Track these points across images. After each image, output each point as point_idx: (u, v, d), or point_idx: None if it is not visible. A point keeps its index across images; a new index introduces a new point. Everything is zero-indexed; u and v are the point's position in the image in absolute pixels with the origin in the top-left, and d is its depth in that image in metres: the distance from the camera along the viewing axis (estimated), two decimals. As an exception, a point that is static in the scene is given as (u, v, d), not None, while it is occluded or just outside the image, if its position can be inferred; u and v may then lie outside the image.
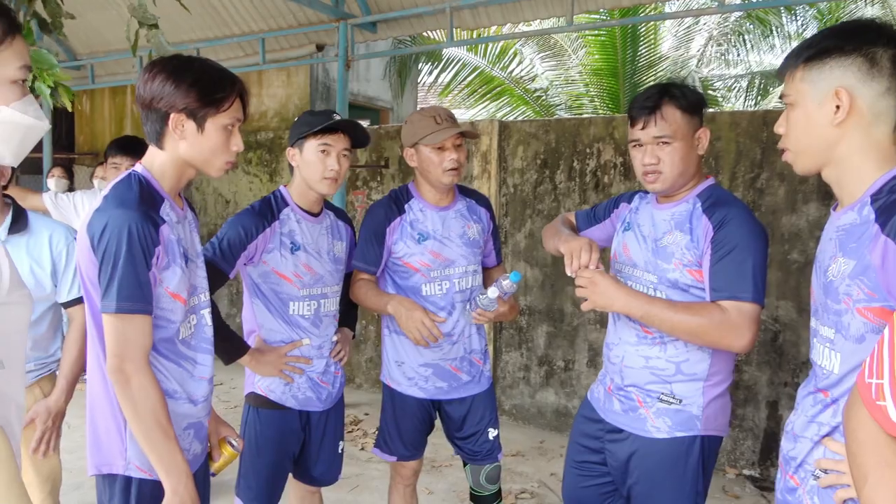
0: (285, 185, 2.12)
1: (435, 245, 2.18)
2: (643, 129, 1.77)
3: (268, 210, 2.03)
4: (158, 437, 1.35)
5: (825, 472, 1.22)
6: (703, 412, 1.76)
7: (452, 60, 7.22)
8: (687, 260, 1.74)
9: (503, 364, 4.69)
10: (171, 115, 1.42)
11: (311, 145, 2.00)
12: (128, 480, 1.43)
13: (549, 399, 4.53)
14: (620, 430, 1.86)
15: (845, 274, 1.20)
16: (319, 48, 5.34)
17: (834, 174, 1.28)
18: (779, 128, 1.35)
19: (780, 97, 1.36)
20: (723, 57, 9.24)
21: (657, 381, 1.80)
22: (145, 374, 1.36)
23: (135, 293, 1.33)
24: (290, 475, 2.21)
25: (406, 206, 2.21)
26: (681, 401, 1.77)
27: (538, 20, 4.56)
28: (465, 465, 2.36)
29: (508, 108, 8.00)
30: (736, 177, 3.84)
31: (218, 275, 1.91)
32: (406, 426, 2.26)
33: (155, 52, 2.18)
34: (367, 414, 4.70)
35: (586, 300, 1.73)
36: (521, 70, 7.92)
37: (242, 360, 1.98)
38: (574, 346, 4.41)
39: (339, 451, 2.27)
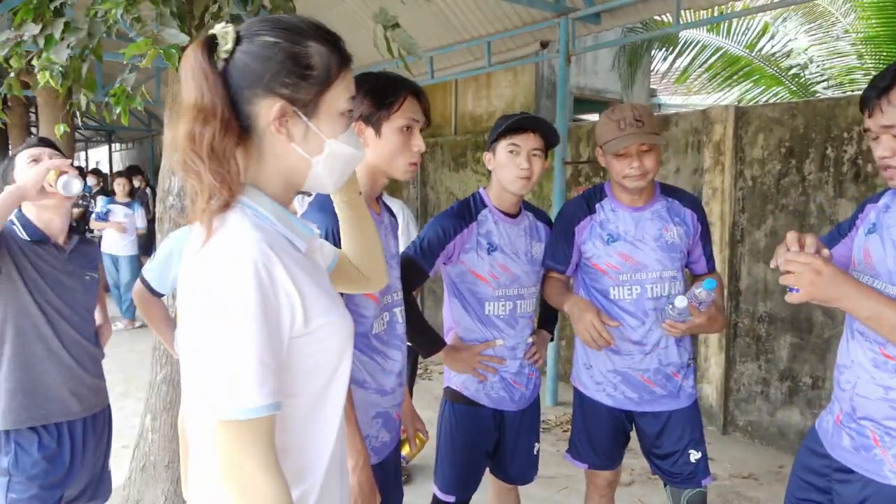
0: (485, 188, 2.17)
1: (625, 247, 2.06)
2: (870, 117, 1.49)
3: (466, 211, 2.09)
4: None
5: None
6: None
7: (690, 43, 6.68)
8: None
9: (737, 375, 4.25)
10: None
11: (502, 146, 2.03)
12: None
13: (793, 419, 3.99)
14: (851, 471, 1.57)
15: None
16: (544, 45, 5.35)
17: None
18: (884, 152, 1.31)
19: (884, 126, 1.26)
20: None
21: None
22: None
23: None
24: (489, 470, 2.27)
25: (597, 205, 2.12)
26: None
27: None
28: (665, 485, 2.19)
29: (758, 91, 7.16)
30: None
31: (418, 272, 2.03)
32: (596, 433, 2.17)
33: (402, 49, 2.37)
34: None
35: (796, 291, 1.40)
36: (774, 46, 7.02)
37: (438, 355, 2.08)
38: (824, 362, 3.82)
39: (535, 453, 2.26)
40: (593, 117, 6.79)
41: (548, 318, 2.32)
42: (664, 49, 6.41)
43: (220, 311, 0.86)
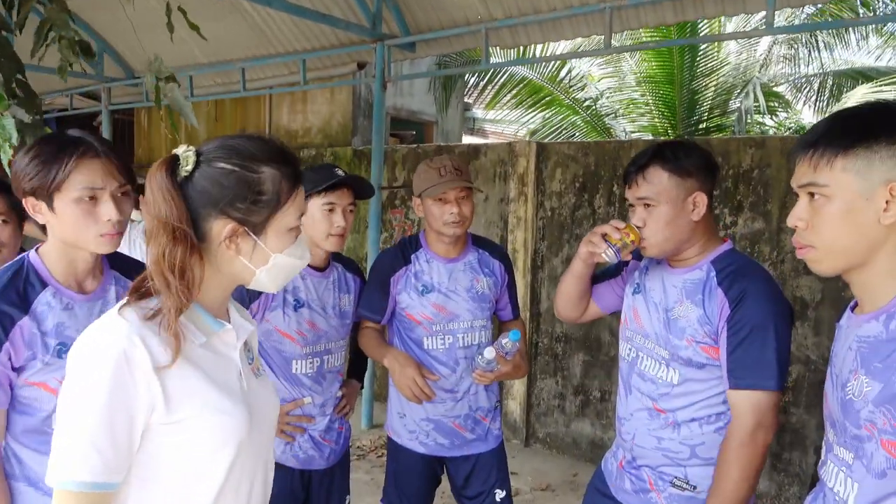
0: None
1: (439, 298, 2.12)
2: (629, 188, 1.70)
3: None
4: None
5: None
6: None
7: (499, 71, 7.10)
8: (700, 336, 1.62)
9: (538, 391, 4.58)
10: (24, 201, 1.37)
11: (316, 203, 1.97)
12: None
13: (585, 430, 4.39)
14: None
15: (868, 397, 1.04)
16: (361, 66, 5.35)
17: (861, 277, 1.11)
18: (798, 221, 1.14)
19: (801, 185, 1.14)
20: (792, 57, 8.73)
21: (670, 465, 1.68)
22: None
23: None
24: None
25: (413, 256, 2.16)
26: (695, 487, 1.66)
27: (578, 37, 4.42)
28: (472, 526, 2.29)
29: (559, 118, 7.81)
30: (786, 205, 3.61)
31: None
32: (407, 480, 2.21)
33: (172, 105, 2.20)
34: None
35: None
36: (571, 80, 7.71)
37: None
38: (611, 377, 4.25)
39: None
40: (408, 138, 6.93)
41: (358, 367, 2.31)
42: (476, 75, 6.74)
43: (74, 386, 0.98)
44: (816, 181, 1.10)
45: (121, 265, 1.57)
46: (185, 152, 1.05)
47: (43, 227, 1.43)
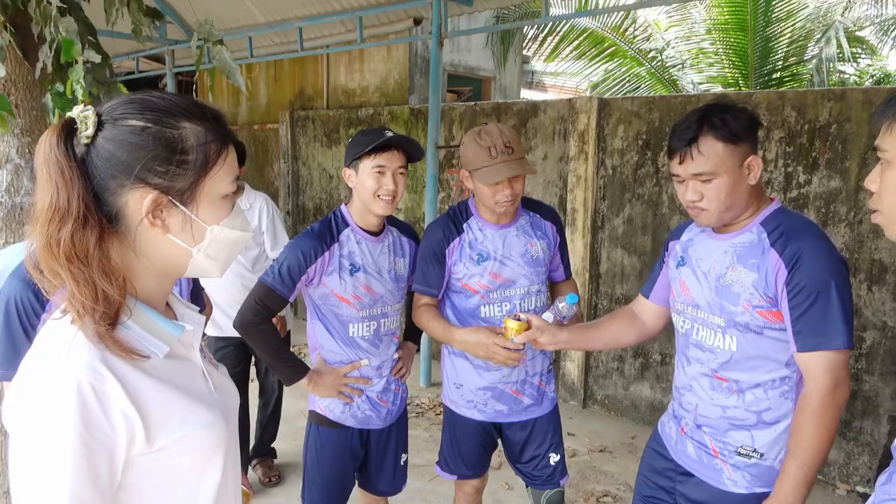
0: (346, 204, 2.11)
1: (494, 266, 2.09)
2: (681, 163, 1.60)
3: (327, 232, 2.02)
4: None
5: None
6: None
7: (559, 23, 6.83)
8: (757, 300, 1.57)
9: (596, 353, 4.54)
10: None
11: (366, 166, 1.96)
12: None
13: (644, 392, 4.34)
14: (692, 475, 1.74)
15: None
16: (417, 22, 5.25)
17: None
18: (871, 184, 1.14)
19: (874, 149, 1.13)
20: (878, -3, 8.06)
21: (736, 431, 1.65)
22: None
23: (8, 360, 1.43)
24: (357, 483, 2.27)
25: (465, 225, 2.13)
26: (762, 454, 1.63)
27: (645, -14, 4.19)
28: (526, 486, 2.31)
29: (622, 71, 7.51)
30: (866, 163, 3.38)
31: (277, 299, 1.95)
32: (466, 448, 2.23)
33: (221, 68, 2.21)
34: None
35: None
36: (636, 29, 7.36)
37: (301, 382, 2.02)
38: (671, 340, 4.15)
39: (402, 464, 2.29)
40: (466, 94, 6.82)
41: (414, 329, 2.32)
42: (535, 28, 6.52)
43: (34, 446, 0.78)
44: (881, 145, 1.10)
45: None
46: (83, 112, 0.86)
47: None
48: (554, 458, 2.23)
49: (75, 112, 0.85)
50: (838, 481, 3.58)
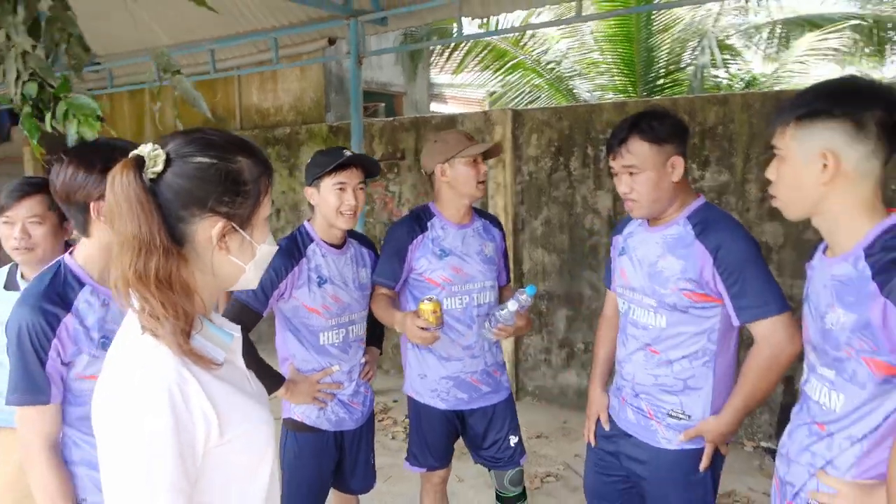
0: (309, 221, 2.25)
1: (456, 261, 2.31)
2: (614, 159, 1.90)
3: (295, 248, 2.16)
4: None
5: None
6: (711, 414, 1.88)
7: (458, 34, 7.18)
8: (683, 284, 1.83)
9: (525, 347, 4.84)
10: (91, 205, 1.48)
11: (328, 184, 2.11)
12: None
13: (571, 380, 4.68)
14: (633, 437, 2.00)
15: (846, 326, 1.28)
16: (331, 42, 5.38)
17: (824, 225, 1.36)
18: (770, 174, 1.42)
19: (771, 147, 1.42)
20: (742, 7, 8.96)
21: (667, 396, 1.92)
22: (41, 464, 1.46)
23: (22, 385, 1.44)
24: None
25: (428, 223, 2.34)
26: (690, 416, 1.89)
27: (548, 6, 4.55)
28: (489, 469, 2.52)
29: (522, 82, 7.96)
30: (749, 158, 3.87)
31: (253, 315, 2.08)
32: (433, 439, 2.42)
33: (184, 97, 2.28)
34: (395, 401, 4.89)
35: None
36: (534, 43, 7.84)
37: (278, 392, 2.14)
38: (593, 329, 4.51)
39: (372, 462, 2.44)
40: (380, 109, 7.00)
41: (375, 335, 2.49)
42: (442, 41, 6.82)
43: (135, 444, 0.89)
44: (776, 144, 1.37)
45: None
46: (153, 151, 0.96)
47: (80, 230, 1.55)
48: (513, 440, 2.46)
49: (145, 151, 0.96)
50: (745, 439, 4.05)
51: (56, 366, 1.46)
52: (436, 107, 12.05)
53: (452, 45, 7.00)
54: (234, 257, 1.02)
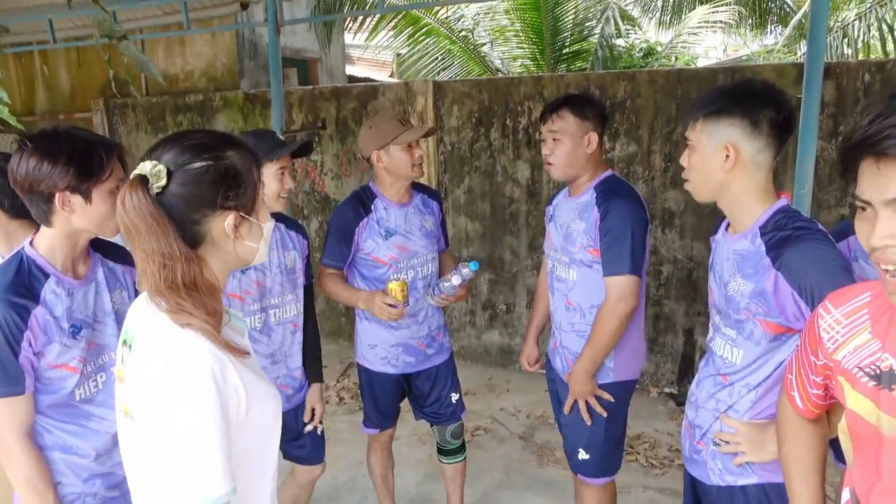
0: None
1: (400, 240, 2.45)
2: (544, 124, 2.20)
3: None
4: (35, 501, 1.53)
5: (724, 441, 1.61)
6: (613, 363, 2.21)
7: (377, 3, 7.13)
8: (586, 243, 2.15)
9: (450, 309, 5.05)
10: (56, 195, 1.49)
11: (270, 170, 2.09)
12: None
13: (494, 339, 4.96)
14: (558, 373, 2.36)
15: (744, 293, 1.52)
16: (244, 6, 5.23)
17: (727, 206, 1.61)
18: (683, 161, 1.66)
19: (684, 138, 1.64)
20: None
21: (581, 340, 2.22)
22: (19, 452, 1.50)
23: None
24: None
25: (371, 205, 2.44)
26: None
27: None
28: (431, 425, 2.73)
29: (435, 49, 8.03)
30: (654, 130, 4.20)
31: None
32: (385, 402, 2.60)
33: (133, 62, 2.24)
34: (325, 366, 4.98)
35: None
36: (447, 10, 7.90)
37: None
38: (514, 291, 4.80)
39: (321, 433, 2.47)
40: (294, 76, 6.87)
41: (315, 368, 2.42)
42: (355, 7, 6.74)
43: (184, 410, 1.00)
44: (688, 136, 1.59)
45: (98, 247, 1.72)
46: (154, 168, 1.04)
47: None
48: (454, 397, 2.67)
49: (146, 169, 1.04)
50: (650, 386, 4.48)
51: (28, 356, 1.49)
52: (351, 69, 11.87)
53: (367, 8, 6.95)
54: (248, 241, 1.13)
